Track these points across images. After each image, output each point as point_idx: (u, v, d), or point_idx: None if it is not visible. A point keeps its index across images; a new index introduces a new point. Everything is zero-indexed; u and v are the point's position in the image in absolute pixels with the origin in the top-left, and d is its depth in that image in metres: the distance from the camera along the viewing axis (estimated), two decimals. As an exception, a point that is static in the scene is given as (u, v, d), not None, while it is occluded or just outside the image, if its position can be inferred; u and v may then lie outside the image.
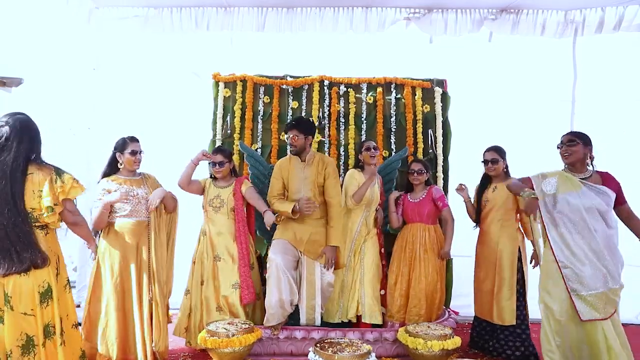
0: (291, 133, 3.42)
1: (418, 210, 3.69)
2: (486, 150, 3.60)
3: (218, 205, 3.52)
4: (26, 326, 2.34)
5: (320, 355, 2.72)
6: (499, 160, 3.52)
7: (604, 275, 2.77)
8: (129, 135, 3.23)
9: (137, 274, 3.08)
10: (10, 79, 4.11)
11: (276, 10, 4.58)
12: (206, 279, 3.45)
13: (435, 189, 3.78)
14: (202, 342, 3.05)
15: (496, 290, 3.40)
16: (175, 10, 4.59)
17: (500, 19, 4.58)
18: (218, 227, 3.51)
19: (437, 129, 4.39)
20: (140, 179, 3.27)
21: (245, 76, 4.40)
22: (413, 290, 3.57)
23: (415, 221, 3.69)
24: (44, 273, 2.39)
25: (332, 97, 4.41)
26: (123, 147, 3.18)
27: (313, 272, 3.35)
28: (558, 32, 4.60)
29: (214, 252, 3.48)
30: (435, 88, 4.42)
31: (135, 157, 3.18)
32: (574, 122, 4.66)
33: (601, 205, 2.81)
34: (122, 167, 3.20)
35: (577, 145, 2.89)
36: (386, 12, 4.58)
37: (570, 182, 2.88)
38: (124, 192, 3.08)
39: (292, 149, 3.48)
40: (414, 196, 3.76)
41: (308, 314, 3.35)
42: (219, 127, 4.36)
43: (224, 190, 3.57)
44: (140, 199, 3.16)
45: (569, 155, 2.92)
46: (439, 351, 2.97)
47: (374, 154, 3.68)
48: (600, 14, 4.48)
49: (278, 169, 3.52)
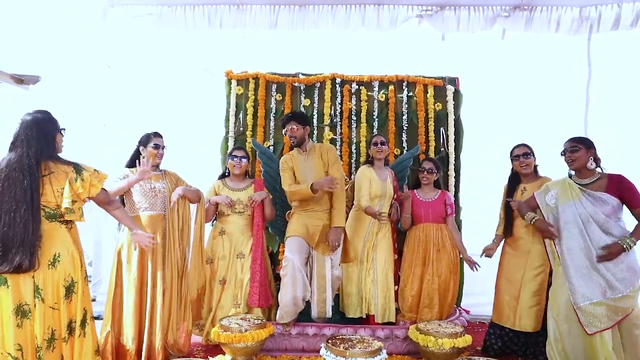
0: (290, 125, 3.46)
1: (432, 210, 3.69)
2: (515, 147, 3.45)
3: (242, 210, 3.60)
4: (52, 320, 2.41)
5: (332, 351, 2.75)
6: (531, 155, 3.37)
7: (601, 286, 2.72)
8: (153, 131, 3.30)
9: (152, 267, 3.13)
10: (28, 76, 4.17)
11: (288, 8, 4.58)
12: (228, 277, 3.52)
13: (448, 196, 3.80)
14: (216, 336, 3.10)
15: (522, 297, 3.25)
16: (189, 8, 4.63)
17: (513, 16, 4.53)
18: (241, 227, 3.60)
19: (449, 127, 4.39)
20: (160, 174, 3.32)
21: (257, 74, 4.43)
22: (425, 290, 3.57)
23: (428, 221, 3.69)
24: (69, 267, 2.45)
25: (344, 95, 4.43)
26: (147, 141, 3.26)
27: (324, 265, 3.38)
28: (573, 29, 4.53)
29: (235, 250, 3.55)
30: (447, 86, 4.41)
31: (157, 151, 3.25)
32: (587, 121, 4.61)
33: (597, 215, 2.77)
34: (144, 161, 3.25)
35: (579, 151, 2.87)
36: (398, 9, 4.56)
37: (571, 191, 2.87)
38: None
39: (292, 141, 3.50)
40: (424, 195, 3.76)
41: (319, 307, 3.38)
42: (231, 124, 4.40)
43: (242, 193, 3.63)
44: (157, 193, 3.21)
45: (572, 162, 2.91)
46: (450, 349, 2.97)
47: (380, 149, 3.71)
48: (617, 10, 4.41)
49: (284, 162, 3.54)
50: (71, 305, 2.47)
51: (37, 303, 2.35)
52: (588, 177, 2.89)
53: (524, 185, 3.40)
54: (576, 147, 2.89)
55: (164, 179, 3.30)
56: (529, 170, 3.37)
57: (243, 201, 3.60)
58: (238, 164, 3.61)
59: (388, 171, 3.81)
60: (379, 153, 3.72)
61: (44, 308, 2.37)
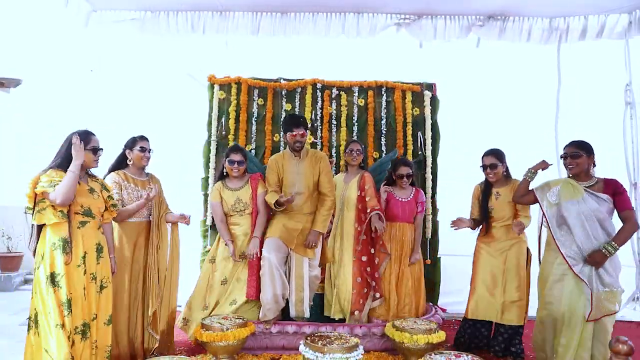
0: (299, 130, 3.47)
1: (408, 209, 3.77)
2: (484, 155, 3.48)
3: (242, 208, 3.59)
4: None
5: (310, 348, 2.83)
6: (498, 164, 3.42)
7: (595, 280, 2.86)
8: (139, 134, 3.32)
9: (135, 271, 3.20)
10: (9, 79, 4.19)
11: (270, 15, 4.69)
12: (229, 278, 3.54)
13: (422, 194, 3.85)
14: (198, 335, 3.16)
15: (506, 293, 3.36)
16: (172, 14, 4.69)
17: (487, 26, 4.72)
18: (244, 228, 3.59)
19: (427, 132, 4.51)
20: (147, 180, 3.34)
21: (239, 79, 4.51)
22: (402, 291, 3.65)
23: (404, 220, 3.78)
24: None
25: (325, 100, 4.53)
26: (133, 144, 3.27)
27: (301, 265, 3.46)
28: (543, 39, 4.75)
29: (239, 252, 3.55)
30: (424, 92, 4.55)
31: (144, 154, 3.27)
32: (558, 126, 4.82)
33: (600, 213, 2.89)
34: (131, 164, 3.28)
35: (581, 157, 2.92)
36: (377, 17, 4.71)
37: (573, 189, 2.96)
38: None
39: (298, 146, 3.52)
40: (400, 194, 3.80)
41: (297, 307, 3.46)
42: (214, 128, 4.46)
43: (241, 192, 3.61)
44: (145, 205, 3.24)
45: (573, 168, 2.95)
46: (424, 345, 3.09)
47: (354, 157, 3.78)
48: (584, 21, 4.65)
49: (273, 163, 3.61)
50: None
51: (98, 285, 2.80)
52: (586, 181, 2.95)
53: (496, 189, 3.48)
54: (578, 154, 2.93)
55: (150, 185, 3.33)
56: (496, 179, 3.45)
57: (242, 200, 3.59)
58: (236, 169, 3.58)
59: (359, 176, 3.79)
60: (352, 160, 3.80)
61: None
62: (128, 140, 3.31)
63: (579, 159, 2.94)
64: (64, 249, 2.55)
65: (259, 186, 3.61)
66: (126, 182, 3.22)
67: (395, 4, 4.55)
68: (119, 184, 3.17)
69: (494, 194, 3.48)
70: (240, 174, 3.63)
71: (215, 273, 3.58)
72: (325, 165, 3.57)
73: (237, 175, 3.62)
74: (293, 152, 3.58)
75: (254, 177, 3.66)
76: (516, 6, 4.52)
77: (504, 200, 3.43)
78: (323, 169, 3.54)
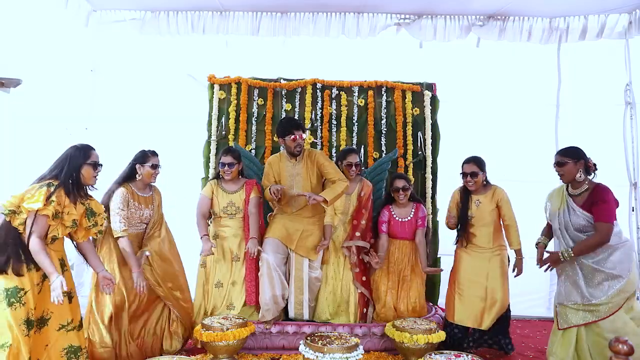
0: (301, 132, 3.49)
1: (408, 227, 3.71)
2: (465, 162, 3.47)
3: (233, 212, 3.59)
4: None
5: (310, 348, 2.83)
6: (479, 173, 3.40)
7: (579, 291, 2.83)
8: (150, 149, 3.30)
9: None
10: (9, 79, 4.17)
11: (270, 15, 4.69)
12: (224, 280, 3.55)
13: (422, 210, 3.78)
14: (198, 335, 3.16)
15: (489, 298, 3.36)
16: (172, 14, 4.69)
17: (487, 25, 4.72)
18: (235, 230, 3.59)
19: (427, 132, 4.51)
20: (150, 197, 3.33)
21: (239, 79, 4.51)
22: (400, 309, 3.62)
23: (404, 237, 3.72)
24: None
25: (325, 100, 4.53)
26: (144, 159, 3.26)
27: (301, 268, 3.47)
28: (543, 39, 4.75)
29: (231, 253, 3.57)
30: (424, 92, 4.55)
31: (155, 171, 3.29)
32: (558, 126, 4.82)
33: (577, 224, 2.87)
34: (139, 179, 3.27)
35: (566, 165, 2.90)
36: (377, 17, 4.71)
37: (558, 199, 2.98)
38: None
39: (298, 150, 3.52)
40: (400, 214, 3.72)
41: (296, 309, 3.46)
42: (214, 128, 4.46)
43: (235, 195, 3.62)
44: (144, 219, 3.27)
45: (562, 176, 2.96)
46: (424, 344, 3.09)
47: (353, 172, 3.74)
48: (584, 21, 4.64)
49: (269, 166, 3.61)
50: None
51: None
52: (578, 189, 2.92)
53: (477, 197, 3.46)
54: (563, 162, 2.91)
55: (152, 203, 3.33)
56: (475, 187, 3.44)
57: (235, 203, 3.59)
58: (228, 172, 3.58)
59: (359, 186, 3.79)
60: (352, 175, 3.75)
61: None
62: (138, 154, 3.29)
63: (564, 166, 2.91)
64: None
65: (252, 191, 3.62)
66: (132, 200, 3.21)
67: (395, 4, 4.56)
68: (126, 201, 3.16)
69: (474, 201, 3.46)
70: (234, 176, 3.63)
71: (208, 278, 3.58)
72: (322, 158, 3.56)
73: (228, 178, 3.61)
74: (290, 155, 3.56)
75: (249, 183, 3.67)
76: (516, 6, 4.51)
77: (485, 209, 3.41)
78: (322, 162, 3.53)
